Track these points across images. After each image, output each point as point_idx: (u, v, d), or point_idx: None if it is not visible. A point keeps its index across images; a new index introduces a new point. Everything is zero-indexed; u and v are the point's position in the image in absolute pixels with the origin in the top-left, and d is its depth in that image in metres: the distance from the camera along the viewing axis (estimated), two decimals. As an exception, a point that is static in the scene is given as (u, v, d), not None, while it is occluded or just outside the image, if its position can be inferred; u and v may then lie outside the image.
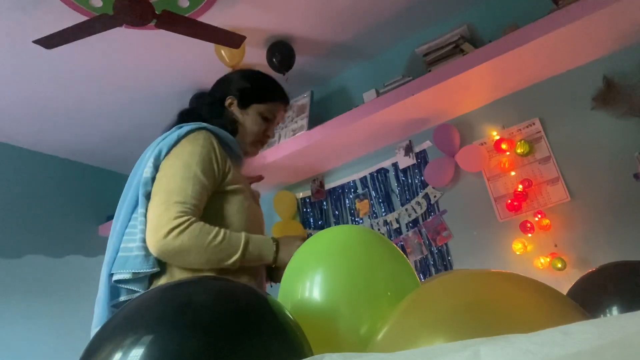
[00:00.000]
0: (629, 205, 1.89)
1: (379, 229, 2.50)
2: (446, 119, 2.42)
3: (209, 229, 0.98)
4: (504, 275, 0.53)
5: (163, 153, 1.06)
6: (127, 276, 0.98)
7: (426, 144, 2.48)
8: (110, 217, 3.04)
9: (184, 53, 2.38)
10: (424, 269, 2.31)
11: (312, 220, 2.77)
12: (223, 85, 1.30)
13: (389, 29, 2.52)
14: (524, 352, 0.31)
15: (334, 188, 2.75)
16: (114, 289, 1.02)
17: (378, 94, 2.36)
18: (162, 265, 1.01)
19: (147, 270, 0.98)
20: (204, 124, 1.13)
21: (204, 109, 1.24)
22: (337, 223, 2.67)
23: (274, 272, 1.19)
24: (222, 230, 1.00)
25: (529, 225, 2.04)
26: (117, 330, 0.48)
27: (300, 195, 2.86)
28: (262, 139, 1.28)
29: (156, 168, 1.04)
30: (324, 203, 2.76)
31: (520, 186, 2.12)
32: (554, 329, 0.33)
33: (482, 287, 0.50)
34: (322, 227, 2.71)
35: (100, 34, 1.92)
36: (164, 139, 1.09)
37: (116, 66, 2.39)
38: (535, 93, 2.21)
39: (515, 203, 2.10)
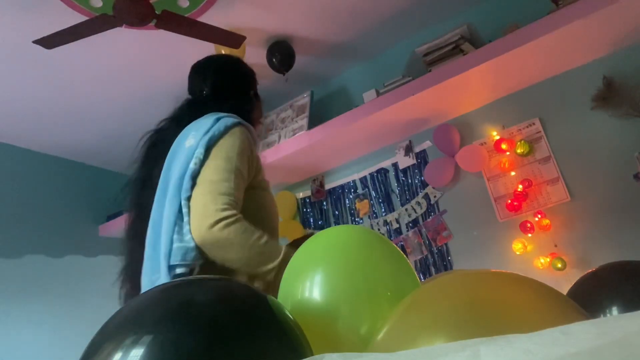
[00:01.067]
0: (629, 205, 1.89)
1: (379, 229, 2.50)
2: (446, 119, 2.42)
3: (254, 229, 0.99)
4: (504, 275, 0.53)
5: (212, 145, 1.06)
6: (185, 270, 0.96)
7: (426, 144, 2.48)
8: (110, 217, 3.04)
9: (184, 53, 2.38)
10: (424, 269, 2.31)
11: (312, 220, 2.77)
12: (246, 78, 1.35)
13: (389, 29, 2.52)
14: (524, 352, 0.31)
15: (334, 188, 2.75)
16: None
17: (378, 94, 2.36)
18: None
19: (201, 261, 0.97)
20: (239, 120, 1.14)
21: (235, 102, 1.25)
22: (337, 223, 2.67)
23: None
24: (265, 235, 1.00)
25: (529, 225, 2.04)
26: (117, 330, 0.48)
27: (300, 195, 2.86)
28: None
29: (205, 159, 1.04)
30: (324, 203, 2.76)
31: (520, 186, 2.12)
32: (554, 329, 0.33)
33: (482, 287, 0.50)
34: (322, 227, 2.71)
35: (100, 34, 1.92)
36: (207, 132, 1.07)
37: (116, 66, 2.39)
38: (535, 93, 2.21)
39: (515, 203, 2.10)
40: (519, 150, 2.16)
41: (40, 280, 2.65)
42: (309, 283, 0.68)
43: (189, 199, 0.99)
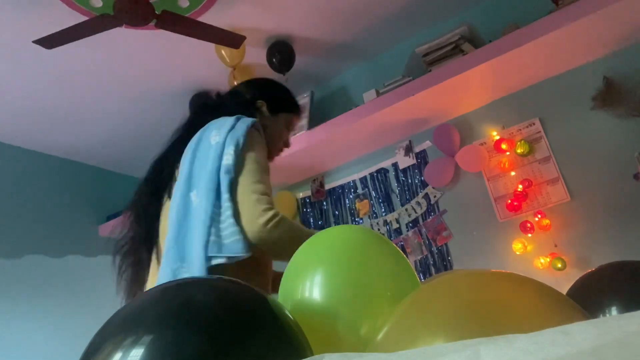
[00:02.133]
0: (629, 205, 1.89)
1: (379, 229, 2.50)
2: (446, 119, 2.42)
3: (295, 223, 1.06)
4: (504, 276, 0.53)
5: (241, 143, 1.08)
6: (222, 261, 0.98)
7: (426, 144, 2.48)
8: (110, 217, 3.04)
9: (184, 53, 2.38)
10: (424, 269, 2.31)
11: (312, 220, 2.77)
12: (253, 87, 1.36)
13: (389, 29, 2.52)
14: (524, 352, 0.31)
15: (334, 188, 2.75)
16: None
17: (378, 94, 2.36)
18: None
19: (241, 255, 0.98)
20: (256, 120, 1.17)
21: (235, 107, 1.27)
22: (337, 223, 2.67)
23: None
24: (302, 225, 1.07)
25: (529, 225, 2.04)
26: (117, 330, 0.48)
27: (300, 195, 2.86)
28: (282, 147, 1.37)
29: (237, 156, 1.06)
30: (324, 203, 2.76)
31: (520, 186, 2.12)
32: (554, 329, 0.33)
33: (482, 288, 0.50)
34: (322, 227, 2.71)
35: (100, 34, 1.92)
36: (231, 130, 1.09)
37: (116, 66, 2.39)
38: (535, 93, 2.21)
39: (515, 203, 2.10)
40: (519, 150, 2.16)
41: (40, 280, 2.65)
42: (309, 283, 0.68)
43: (230, 198, 1.02)
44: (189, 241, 1.01)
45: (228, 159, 1.05)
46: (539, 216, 2.04)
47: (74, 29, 1.84)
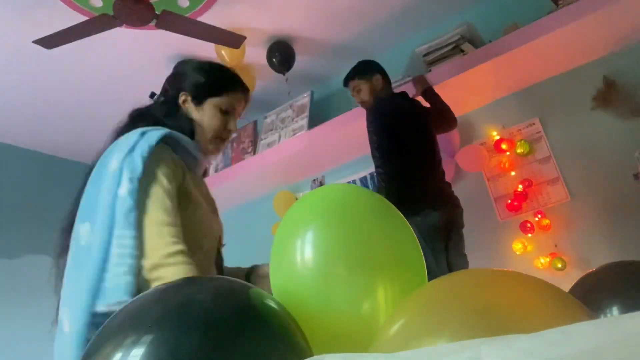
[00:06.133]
0: (629, 205, 1.89)
1: (379, 229, 2.49)
2: (446, 119, 2.41)
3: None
4: (514, 277, 0.52)
5: (139, 168, 0.94)
6: (104, 309, 0.85)
7: (426, 144, 2.47)
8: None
9: (184, 53, 2.38)
10: (424, 269, 2.31)
11: (312, 220, 2.77)
12: (175, 81, 1.21)
13: (389, 29, 2.52)
14: (524, 353, 0.31)
15: (334, 188, 2.74)
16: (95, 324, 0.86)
17: (378, 94, 2.36)
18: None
19: (123, 300, 0.84)
20: (165, 131, 1.02)
21: (157, 109, 1.16)
22: (337, 223, 2.67)
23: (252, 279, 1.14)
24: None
25: (529, 225, 2.04)
26: (117, 330, 0.48)
27: (300, 195, 2.86)
28: (223, 135, 1.14)
29: (134, 184, 0.92)
30: (324, 203, 2.76)
31: (520, 186, 2.12)
32: (555, 329, 0.33)
33: (490, 288, 0.49)
34: (322, 227, 2.70)
35: (100, 34, 1.92)
36: (131, 152, 0.96)
37: (116, 66, 2.39)
38: (535, 93, 2.21)
39: (515, 203, 2.10)
40: (519, 150, 2.16)
41: (40, 280, 2.65)
42: (299, 242, 0.65)
43: (125, 234, 0.89)
44: (74, 285, 0.89)
45: (124, 188, 0.91)
46: (539, 216, 2.04)
47: (74, 29, 1.83)
